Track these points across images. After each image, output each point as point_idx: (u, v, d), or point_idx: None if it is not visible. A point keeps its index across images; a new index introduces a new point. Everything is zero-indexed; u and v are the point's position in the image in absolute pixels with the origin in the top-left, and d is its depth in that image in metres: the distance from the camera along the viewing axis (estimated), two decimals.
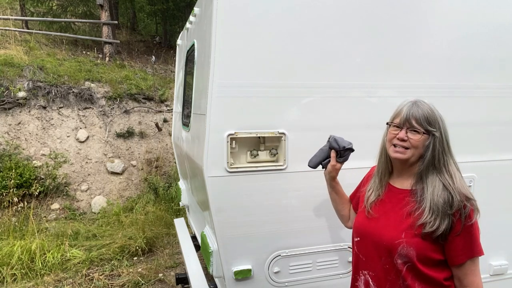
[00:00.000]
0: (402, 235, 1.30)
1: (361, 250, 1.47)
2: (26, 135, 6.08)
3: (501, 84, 2.25)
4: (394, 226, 1.34)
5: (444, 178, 1.31)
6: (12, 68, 6.51)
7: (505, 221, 2.33)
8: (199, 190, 2.33)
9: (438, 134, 1.31)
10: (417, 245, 1.28)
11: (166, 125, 7.35)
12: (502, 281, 2.40)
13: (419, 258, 1.28)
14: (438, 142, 1.31)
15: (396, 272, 1.32)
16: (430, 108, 1.34)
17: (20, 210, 5.19)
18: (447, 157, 1.33)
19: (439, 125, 1.32)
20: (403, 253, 1.29)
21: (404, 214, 1.33)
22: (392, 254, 1.32)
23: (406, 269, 1.30)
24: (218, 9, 1.79)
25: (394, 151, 1.36)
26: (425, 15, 2.08)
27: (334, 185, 1.73)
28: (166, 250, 4.73)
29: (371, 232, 1.41)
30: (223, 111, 1.84)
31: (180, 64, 3.61)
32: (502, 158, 2.29)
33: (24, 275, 3.96)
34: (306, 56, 1.92)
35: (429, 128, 1.30)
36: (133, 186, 6.42)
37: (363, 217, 1.48)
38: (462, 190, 1.29)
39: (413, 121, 1.31)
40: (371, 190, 1.49)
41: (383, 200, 1.44)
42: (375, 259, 1.40)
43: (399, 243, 1.30)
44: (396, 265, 1.32)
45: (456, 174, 1.33)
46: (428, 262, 1.30)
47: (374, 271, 1.40)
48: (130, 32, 11.51)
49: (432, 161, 1.32)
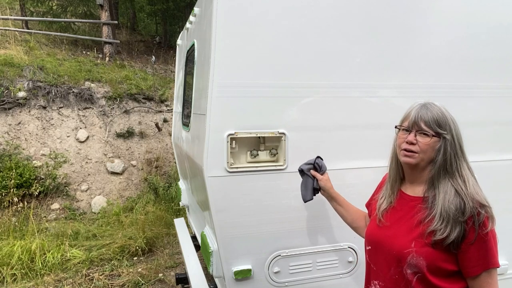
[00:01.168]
0: (412, 244, 1.25)
1: (372, 260, 1.43)
2: (26, 135, 6.08)
3: (501, 84, 2.25)
4: (404, 235, 1.29)
5: (457, 183, 1.25)
6: (12, 68, 6.51)
7: (505, 221, 2.33)
8: (199, 190, 2.33)
9: (449, 137, 1.26)
10: (427, 255, 1.23)
11: (166, 125, 7.35)
12: (502, 281, 2.40)
13: (429, 269, 1.23)
14: (449, 145, 1.26)
15: (406, 283, 1.28)
16: (441, 110, 1.29)
17: (20, 210, 5.19)
18: (460, 161, 1.27)
19: (450, 128, 1.26)
20: (412, 263, 1.24)
21: (415, 223, 1.29)
22: (402, 264, 1.27)
23: (416, 280, 1.25)
24: (218, 9, 1.78)
25: (404, 155, 1.31)
26: (425, 15, 2.08)
27: (335, 197, 1.74)
28: (166, 250, 4.73)
29: (381, 241, 1.37)
30: (223, 111, 1.84)
31: (180, 64, 3.61)
32: (502, 158, 2.29)
33: (24, 275, 3.96)
34: (306, 56, 1.92)
35: (439, 131, 1.26)
36: (133, 186, 6.42)
37: (374, 226, 1.44)
38: (475, 196, 1.23)
39: (422, 124, 1.27)
40: (383, 197, 1.45)
41: (395, 207, 1.40)
42: (385, 269, 1.35)
43: (408, 252, 1.25)
44: (405, 275, 1.27)
45: (469, 179, 1.27)
46: (439, 273, 1.24)
47: (384, 281, 1.36)
48: (130, 32, 11.51)
49: (443, 166, 1.26)
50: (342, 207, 1.73)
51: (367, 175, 1.79)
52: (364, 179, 1.76)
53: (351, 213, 1.72)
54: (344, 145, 2.03)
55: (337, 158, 2.02)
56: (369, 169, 1.86)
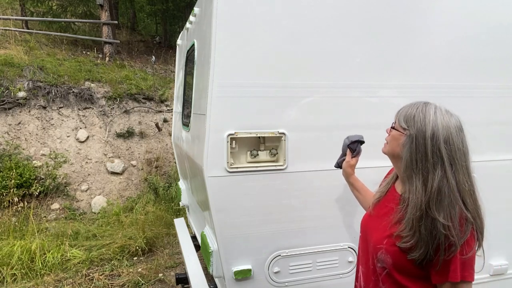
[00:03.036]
0: (384, 241, 1.27)
1: (360, 246, 1.50)
2: (26, 135, 6.08)
3: (501, 84, 2.25)
4: (382, 231, 1.31)
5: (422, 190, 1.15)
6: (12, 68, 6.51)
7: (505, 221, 2.33)
8: (199, 190, 2.33)
9: (413, 133, 1.19)
10: (394, 255, 1.22)
11: (166, 125, 7.35)
12: (502, 281, 2.40)
13: (395, 268, 1.23)
14: (414, 142, 1.18)
15: (377, 275, 1.33)
16: (418, 108, 1.22)
17: (20, 210, 5.19)
18: (428, 164, 1.15)
19: (417, 126, 1.18)
20: (381, 259, 1.28)
21: (391, 221, 1.27)
22: (373, 258, 1.33)
23: (384, 275, 1.29)
24: (218, 9, 1.78)
25: None
26: (425, 15, 2.08)
27: (353, 183, 1.73)
28: (166, 250, 4.73)
29: (368, 231, 1.43)
30: (223, 111, 1.84)
31: (180, 64, 3.61)
32: (502, 158, 2.29)
33: (24, 275, 3.96)
34: (306, 56, 1.92)
35: (403, 125, 1.23)
36: (133, 186, 6.42)
37: (367, 214, 1.50)
38: (457, 209, 1.11)
39: (395, 117, 1.31)
40: (380, 189, 1.50)
41: (383, 201, 1.44)
42: (365, 257, 1.42)
43: (379, 248, 1.28)
44: (376, 268, 1.32)
45: (440, 186, 1.12)
46: (405, 273, 1.23)
47: (365, 268, 1.43)
48: (130, 32, 11.51)
49: (409, 163, 1.19)
50: (360, 193, 1.72)
51: (367, 175, 1.79)
52: (364, 179, 1.75)
53: (368, 199, 1.70)
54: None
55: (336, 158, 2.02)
56: (369, 169, 1.86)
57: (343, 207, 2.09)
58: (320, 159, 2.00)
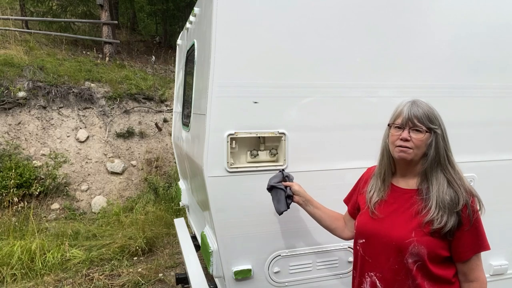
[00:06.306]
0: (412, 234, 1.30)
1: (367, 252, 1.44)
2: (26, 135, 6.08)
3: (501, 84, 2.25)
4: (403, 226, 1.34)
5: (450, 174, 1.33)
6: (12, 68, 6.52)
7: (505, 221, 2.33)
8: (199, 190, 2.33)
9: (439, 131, 1.33)
10: (428, 243, 1.29)
11: (166, 125, 7.35)
12: (502, 281, 2.40)
13: (429, 256, 1.30)
14: (440, 138, 1.33)
15: (406, 271, 1.32)
16: (429, 106, 1.35)
17: (20, 210, 5.19)
18: (450, 153, 1.35)
19: (439, 122, 1.34)
20: (414, 252, 1.30)
21: (412, 213, 1.34)
22: (403, 253, 1.32)
23: (416, 268, 1.31)
24: (218, 9, 1.78)
25: (399, 151, 1.35)
26: (425, 15, 2.08)
27: (312, 202, 1.76)
28: (166, 250, 4.73)
29: (378, 233, 1.39)
30: (223, 111, 1.84)
31: (180, 64, 3.61)
32: (502, 158, 2.29)
33: (24, 275, 3.96)
34: (306, 56, 1.92)
35: (430, 126, 1.32)
36: (133, 186, 6.42)
37: (367, 218, 1.45)
38: (466, 185, 1.32)
39: (415, 120, 1.32)
40: (372, 191, 1.48)
41: (387, 201, 1.43)
42: (382, 260, 1.38)
43: (410, 242, 1.30)
44: (406, 264, 1.32)
45: (459, 170, 1.36)
46: (437, 260, 1.32)
47: (382, 272, 1.39)
48: (130, 32, 11.51)
49: (436, 158, 1.33)
50: (320, 210, 1.75)
51: None
52: None
53: (329, 214, 1.75)
54: (344, 145, 2.03)
55: (336, 158, 2.02)
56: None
57: (343, 207, 2.09)
58: (320, 159, 2.00)
